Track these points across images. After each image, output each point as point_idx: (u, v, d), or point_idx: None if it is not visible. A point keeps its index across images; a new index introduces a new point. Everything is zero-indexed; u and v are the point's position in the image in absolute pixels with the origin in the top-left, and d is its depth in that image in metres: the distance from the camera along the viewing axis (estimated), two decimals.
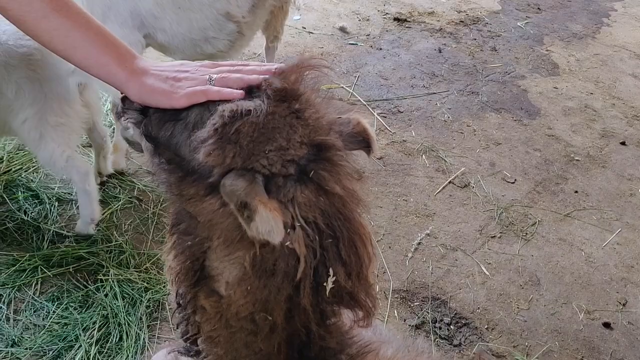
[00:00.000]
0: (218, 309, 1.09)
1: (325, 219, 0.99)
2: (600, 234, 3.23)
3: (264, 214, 0.90)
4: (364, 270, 1.06)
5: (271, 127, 0.99)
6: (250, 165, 0.96)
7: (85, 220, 2.70)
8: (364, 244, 1.05)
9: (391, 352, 1.26)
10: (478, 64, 4.75)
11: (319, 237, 0.98)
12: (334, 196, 1.00)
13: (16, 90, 2.37)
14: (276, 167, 0.97)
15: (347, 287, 1.05)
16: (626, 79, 4.85)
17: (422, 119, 3.98)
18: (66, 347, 2.25)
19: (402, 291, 2.71)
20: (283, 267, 0.99)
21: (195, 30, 2.97)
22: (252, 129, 0.98)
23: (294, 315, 1.04)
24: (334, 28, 4.96)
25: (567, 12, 5.92)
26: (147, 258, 2.65)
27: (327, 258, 1.00)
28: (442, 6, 5.63)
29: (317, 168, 0.99)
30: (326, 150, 1.01)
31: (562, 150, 3.88)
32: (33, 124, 2.44)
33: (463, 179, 3.48)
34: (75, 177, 2.60)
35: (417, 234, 3.03)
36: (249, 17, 3.15)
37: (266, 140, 0.98)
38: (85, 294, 2.46)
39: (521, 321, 2.67)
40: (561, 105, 4.36)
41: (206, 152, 0.97)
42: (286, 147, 0.98)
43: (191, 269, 1.11)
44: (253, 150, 0.97)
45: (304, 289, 1.01)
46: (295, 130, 1.00)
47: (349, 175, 1.03)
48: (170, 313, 2.44)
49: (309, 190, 0.98)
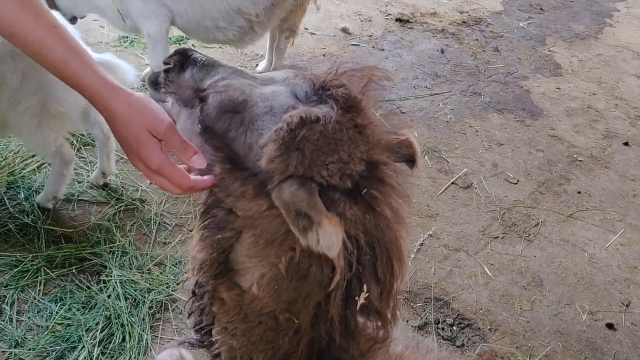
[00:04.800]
0: (238, 303, 1.09)
1: (368, 236, 0.99)
2: (603, 235, 3.22)
3: (329, 229, 0.89)
4: (395, 289, 1.07)
5: (336, 138, 0.96)
6: (310, 174, 0.95)
7: (48, 196, 2.80)
8: (401, 265, 1.05)
9: (400, 349, 1.26)
10: (480, 65, 4.75)
11: (358, 252, 0.98)
12: (381, 217, 0.99)
13: (21, 79, 2.39)
14: (335, 179, 0.96)
15: (376, 304, 1.05)
16: (629, 79, 4.84)
17: (425, 119, 3.98)
18: (69, 348, 2.26)
19: (404, 292, 2.71)
20: (317, 274, 0.99)
21: (208, 19, 3.17)
22: (317, 137, 0.95)
23: (319, 321, 1.04)
24: (336, 29, 4.97)
25: (569, 13, 5.91)
26: (150, 259, 2.65)
27: (362, 273, 1.00)
28: (444, 7, 5.62)
29: (369, 186, 0.98)
30: (381, 169, 1.01)
31: (565, 151, 3.87)
32: (34, 112, 2.47)
33: (466, 179, 3.48)
34: (57, 161, 2.70)
35: (420, 235, 3.03)
36: (264, 15, 3.28)
37: (329, 151, 0.96)
38: (88, 295, 2.46)
39: (524, 322, 2.66)
40: (564, 106, 4.35)
41: (270, 157, 0.95)
42: (347, 160, 0.97)
43: (216, 260, 1.10)
44: (316, 160, 0.95)
45: (335, 299, 1.00)
46: (357, 145, 0.98)
47: (398, 197, 1.03)
48: (175, 314, 2.45)
49: (357, 207, 0.97)
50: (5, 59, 2.34)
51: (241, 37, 3.37)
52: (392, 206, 1.02)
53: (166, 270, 2.62)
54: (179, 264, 2.65)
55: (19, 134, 2.66)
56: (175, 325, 2.41)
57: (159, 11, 3.03)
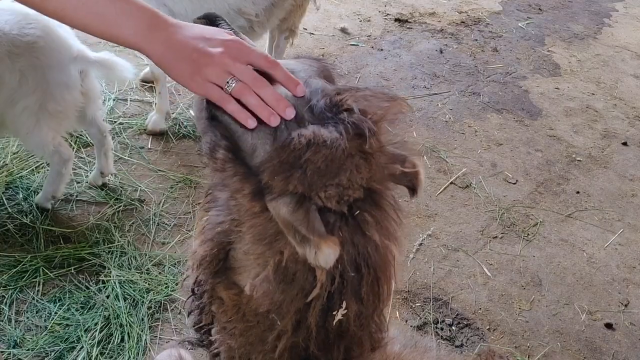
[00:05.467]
0: (237, 302, 1.10)
1: (354, 256, 0.99)
2: (602, 235, 3.22)
3: (327, 251, 0.91)
4: (378, 309, 1.08)
5: (339, 163, 0.96)
6: (308, 194, 0.95)
7: (47, 195, 2.79)
8: (387, 286, 1.05)
9: (398, 348, 1.27)
10: (479, 65, 4.75)
11: (342, 269, 0.98)
12: (370, 241, 1.00)
13: (19, 79, 2.39)
14: (331, 202, 0.96)
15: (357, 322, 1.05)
16: (628, 79, 4.84)
17: (424, 119, 3.98)
18: (68, 348, 2.25)
19: (403, 292, 2.71)
20: (301, 281, 1.00)
21: None
22: (322, 161, 0.94)
23: (300, 327, 1.05)
24: (335, 29, 4.97)
25: (568, 13, 5.92)
26: (149, 259, 2.65)
27: (344, 289, 1.01)
28: (443, 7, 5.63)
29: (363, 209, 0.99)
30: (377, 195, 1.01)
31: (564, 151, 3.87)
32: (32, 111, 2.47)
33: (464, 179, 3.48)
34: (56, 160, 2.68)
35: (419, 235, 3.03)
36: (264, 15, 3.27)
37: (331, 175, 0.95)
38: (87, 295, 2.45)
39: (523, 322, 2.66)
40: (563, 106, 4.36)
41: (271, 173, 0.95)
42: (346, 186, 0.97)
43: (216, 256, 1.10)
44: (316, 182, 0.95)
45: (314, 308, 1.01)
46: (359, 172, 0.98)
47: (392, 221, 1.04)
48: (174, 314, 2.45)
49: (348, 228, 0.98)
50: (3, 59, 2.34)
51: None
52: (384, 231, 1.02)
53: (165, 270, 2.61)
54: (178, 264, 2.65)
55: (17, 133, 2.66)
56: (174, 325, 2.41)
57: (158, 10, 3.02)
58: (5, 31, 2.34)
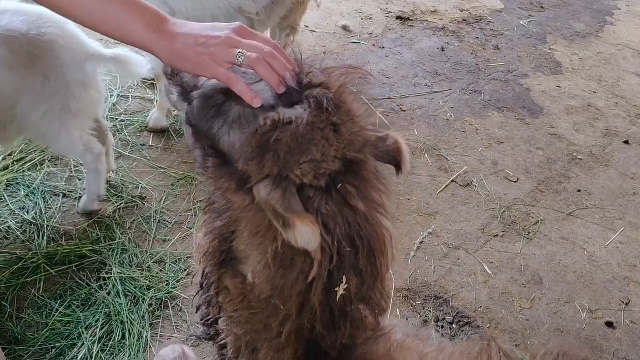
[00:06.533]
0: (242, 291, 1.13)
1: (347, 229, 1.02)
2: (603, 233, 3.22)
3: (302, 228, 0.94)
4: (379, 280, 1.10)
5: (309, 138, 1.00)
6: (285, 174, 0.98)
7: (93, 197, 2.77)
8: (384, 255, 1.08)
9: (401, 336, 1.29)
10: (481, 63, 4.74)
11: (338, 245, 1.01)
12: (357, 211, 1.02)
13: (42, 81, 2.34)
14: (308, 178, 0.99)
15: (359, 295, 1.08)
16: (629, 77, 4.84)
17: (425, 117, 3.98)
18: (69, 345, 2.26)
19: (404, 290, 2.71)
20: (300, 264, 1.03)
21: (208, 17, 3.14)
22: (291, 139, 0.99)
23: (304, 310, 1.08)
24: (336, 27, 4.96)
25: (570, 11, 5.90)
26: (150, 256, 2.65)
27: (343, 265, 1.03)
28: (444, 5, 5.62)
29: (345, 181, 1.02)
30: (357, 165, 1.03)
31: (565, 149, 3.87)
32: (55, 113, 2.43)
33: (465, 177, 3.48)
34: (89, 159, 2.65)
35: (420, 233, 3.03)
36: (264, 14, 3.27)
37: (302, 151, 0.99)
38: (88, 292, 2.46)
39: (523, 320, 2.66)
40: (564, 104, 4.35)
41: (246, 160, 1.00)
42: (320, 160, 1.00)
43: (219, 248, 1.14)
44: (289, 161, 0.98)
45: (316, 289, 1.04)
46: (331, 144, 1.01)
47: (376, 190, 1.07)
48: (175, 312, 2.45)
49: (333, 202, 1.01)
50: (25, 62, 2.28)
51: None
52: (370, 200, 1.05)
53: (166, 267, 2.62)
54: (179, 261, 2.65)
55: (43, 138, 2.61)
56: (175, 322, 2.41)
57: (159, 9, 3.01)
58: (23, 32, 2.26)
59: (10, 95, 2.32)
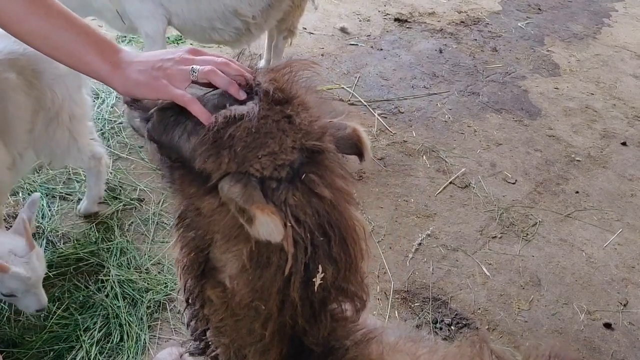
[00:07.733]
0: (224, 299, 1.14)
1: (316, 219, 1.02)
2: (601, 235, 3.23)
3: (263, 219, 0.94)
4: (354, 268, 1.11)
5: (264, 132, 1.01)
6: (245, 169, 1.00)
7: (93, 199, 2.78)
8: (356, 243, 1.09)
9: (393, 339, 1.29)
10: (479, 65, 4.75)
11: (310, 236, 1.02)
12: (324, 199, 1.03)
13: (51, 96, 2.30)
14: (268, 170, 1.00)
15: (336, 284, 1.09)
16: (627, 79, 4.85)
17: (423, 119, 3.98)
18: (67, 347, 2.25)
19: (402, 292, 2.71)
20: (276, 261, 1.04)
21: (203, 19, 3.15)
22: (245, 133, 1.00)
23: (285, 306, 1.09)
24: (334, 29, 4.96)
25: (567, 13, 5.92)
26: (148, 259, 2.65)
27: (317, 255, 1.04)
28: (442, 7, 5.63)
29: (308, 171, 1.02)
30: (318, 154, 1.04)
31: (563, 151, 3.88)
32: (65, 125, 2.39)
33: (464, 179, 3.48)
34: (92, 164, 2.65)
35: (418, 235, 3.03)
36: (261, 17, 3.27)
37: (259, 145, 1.00)
38: (86, 295, 2.46)
39: (522, 322, 2.66)
40: (562, 106, 4.36)
41: (203, 158, 1.01)
42: (278, 151, 1.01)
43: (196, 260, 1.15)
44: (247, 155, 1.00)
45: (294, 283, 1.05)
46: (287, 135, 1.02)
47: (340, 178, 1.07)
48: (173, 314, 2.45)
49: (300, 192, 1.01)
50: (32, 82, 2.23)
51: (238, 39, 3.37)
52: (335, 187, 1.05)
53: (164, 269, 2.61)
54: None
55: (54, 155, 2.50)
56: (173, 325, 2.41)
57: (156, 11, 3.01)
58: (21, 52, 2.19)
59: (30, 119, 2.28)
